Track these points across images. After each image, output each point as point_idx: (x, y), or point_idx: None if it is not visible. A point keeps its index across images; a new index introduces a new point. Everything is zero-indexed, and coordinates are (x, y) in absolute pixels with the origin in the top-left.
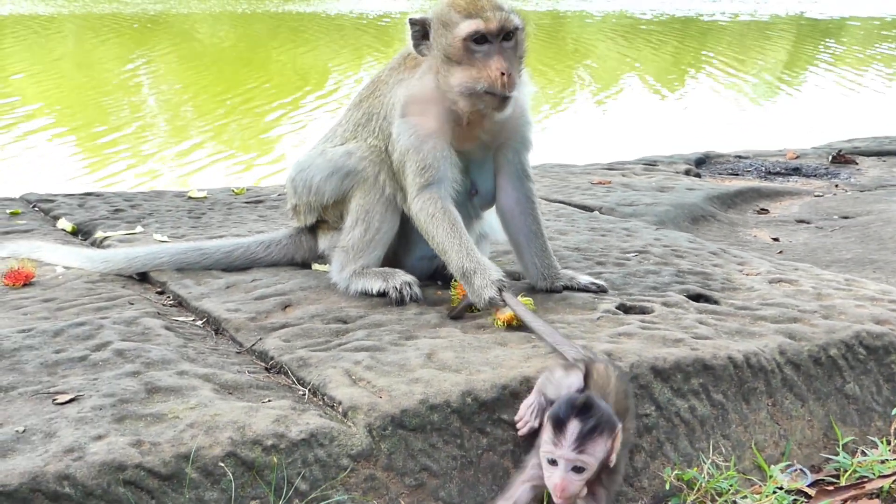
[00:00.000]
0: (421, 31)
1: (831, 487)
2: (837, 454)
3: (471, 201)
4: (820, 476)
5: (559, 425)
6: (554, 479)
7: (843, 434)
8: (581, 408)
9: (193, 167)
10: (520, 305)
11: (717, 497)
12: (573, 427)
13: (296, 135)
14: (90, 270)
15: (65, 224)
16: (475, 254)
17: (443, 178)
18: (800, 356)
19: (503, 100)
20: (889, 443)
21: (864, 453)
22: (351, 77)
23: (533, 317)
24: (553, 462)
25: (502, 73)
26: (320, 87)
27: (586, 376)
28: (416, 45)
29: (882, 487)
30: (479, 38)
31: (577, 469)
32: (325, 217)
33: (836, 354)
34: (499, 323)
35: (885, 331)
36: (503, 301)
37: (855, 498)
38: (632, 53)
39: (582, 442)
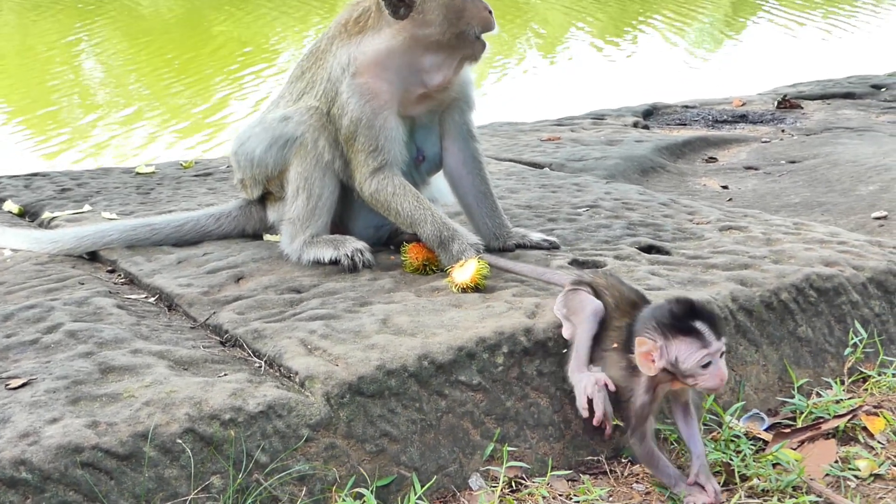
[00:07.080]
0: None
1: (788, 430)
2: (793, 397)
3: (417, 168)
4: (777, 419)
5: (692, 331)
6: (720, 372)
7: (798, 377)
8: (692, 306)
9: (140, 141)
10: (500, 259)
11: (675, 444)
12: (703, 324)
13: (243, 103)
14: (38, 252)
15: (11, 206)
16: (448, 221)
17: (394, 160)
18: (752, 302)
19: (483, 47)
20: (843, 383)
21: (819, 394)
22: (297, 44)
23: (513, 263)
24: (707, 363)
25: (489, 11)
26: (265, 54)
27: (595, 290)
28: (394, 11)
29: (838, 427)
30: None
31: (722, 354)
32: (269, 188)
33: (788, 298)
34: (454, 287)
35: (834, 272)
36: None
37: (811, 439)
38: (576, 8)
39: (718, 328)
